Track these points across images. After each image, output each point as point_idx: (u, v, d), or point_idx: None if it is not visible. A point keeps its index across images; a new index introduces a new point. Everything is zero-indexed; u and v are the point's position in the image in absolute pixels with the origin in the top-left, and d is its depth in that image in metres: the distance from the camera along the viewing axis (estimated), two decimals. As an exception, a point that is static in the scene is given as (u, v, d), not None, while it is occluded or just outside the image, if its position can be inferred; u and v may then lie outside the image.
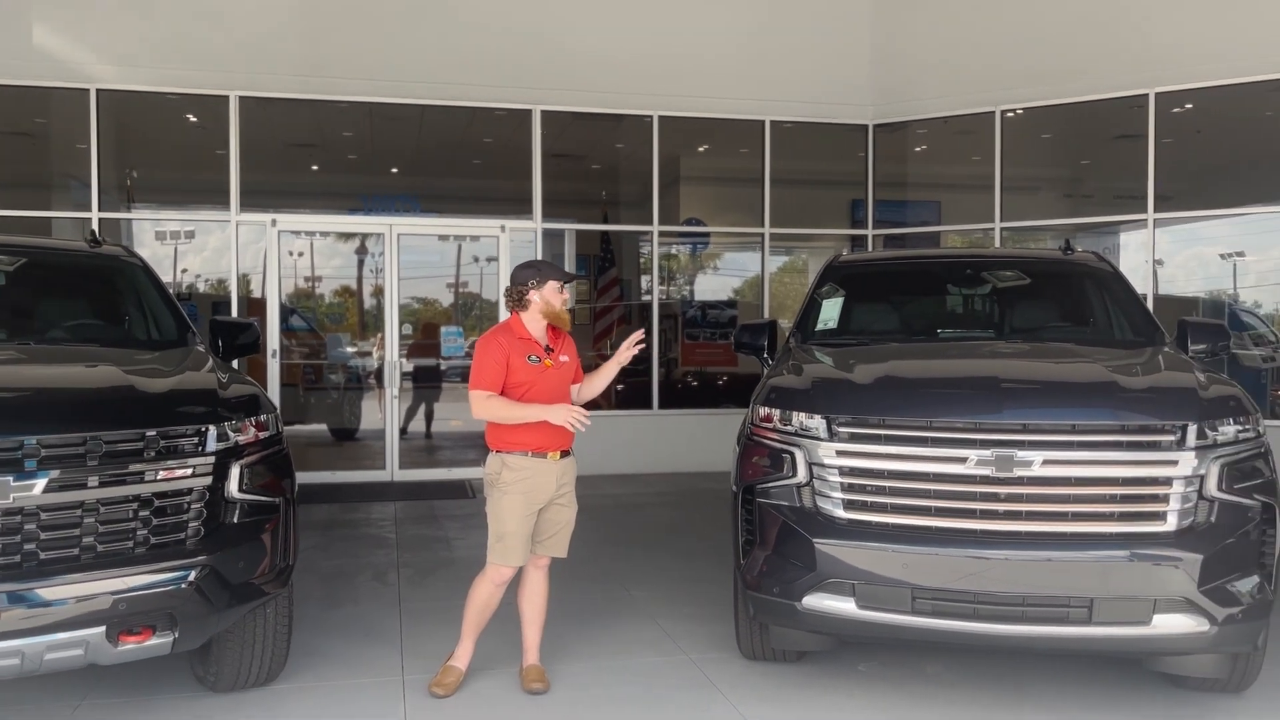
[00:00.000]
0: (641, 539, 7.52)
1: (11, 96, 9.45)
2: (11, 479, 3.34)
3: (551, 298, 4.35)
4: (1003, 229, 10.44)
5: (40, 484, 3.39)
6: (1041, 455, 3.82)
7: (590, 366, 4.66)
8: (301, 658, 4.66)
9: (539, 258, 10.35)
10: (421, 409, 10.86)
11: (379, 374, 10.45)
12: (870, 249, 10.98)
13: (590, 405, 4.49)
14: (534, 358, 4.28)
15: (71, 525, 3.48)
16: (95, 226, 9.26)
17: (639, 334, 4.43)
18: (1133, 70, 9.53)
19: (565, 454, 4.36)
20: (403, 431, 10.70)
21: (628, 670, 4.66)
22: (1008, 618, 3.79)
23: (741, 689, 4.41)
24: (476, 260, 11.57)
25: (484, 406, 4.19)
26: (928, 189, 12.10)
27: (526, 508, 4.27)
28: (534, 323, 4.36)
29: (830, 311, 5.52)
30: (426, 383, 10.65)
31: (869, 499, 4.02)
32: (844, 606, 3.96)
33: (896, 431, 4.00)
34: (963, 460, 3.88)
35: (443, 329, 11.01)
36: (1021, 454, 3.82)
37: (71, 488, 3.47)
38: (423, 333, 10.87)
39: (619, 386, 11.37)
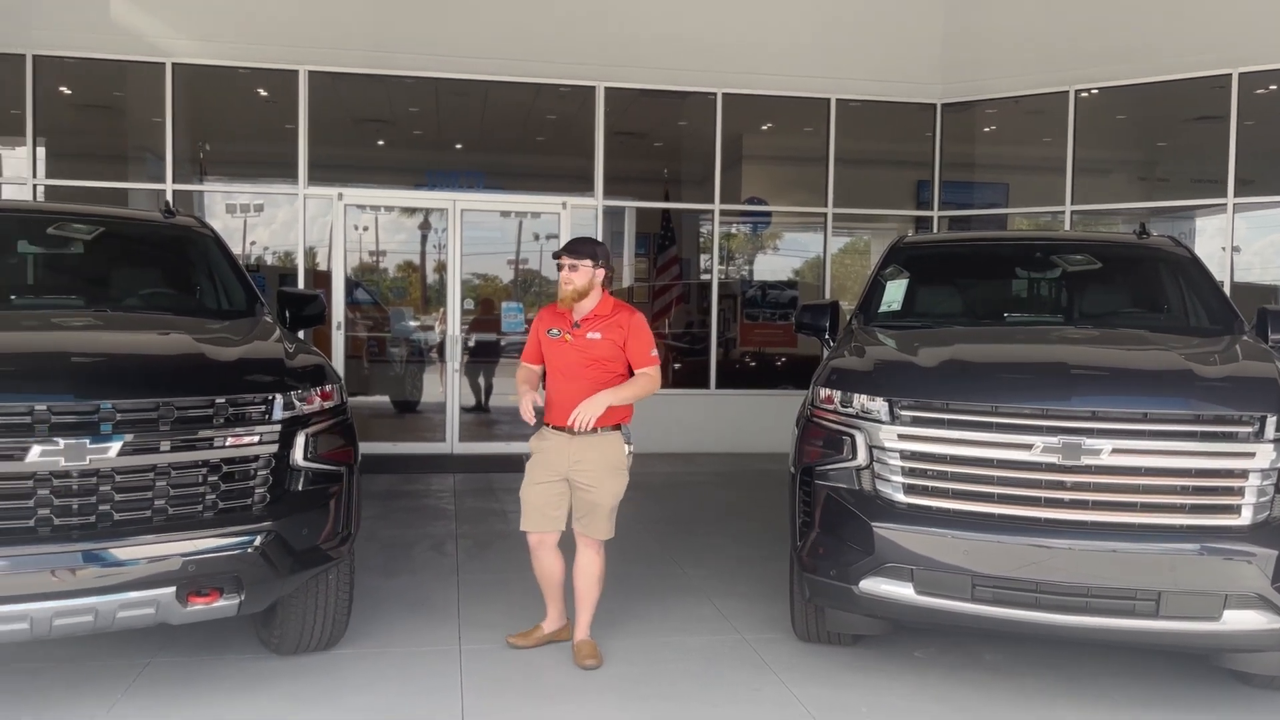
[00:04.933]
0: (696, 518, 7.53)
1: (91, 70, 9.69)
2: (88, 441, 3.44)
3: (561, 275, 4.40)
4: (1073, 212, 10.19)
5: (115, 447, 3.48)
6: (1111, 444, 3.72)
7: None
8: (361, 624, 4.75)
9: (594, 235, 10.38)
10: (481, 383, 10.99)
11: (440, 348, 10.56)
12: (935, 231, 10.80)
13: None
14: (554, 331, 4.38)
15: (144, 488, 3.58)
16: (169, 198, 9.47)
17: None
18: (1215, 49, 9.22)
19: (575, 432, 4.29)
20: (478, 406, 10.84)
21: (681, 648, 4.68)
22: (1071, 608, 3.72)
23: (795, 670, 4.40)
24: (537, 238, 11.63)
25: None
26: (995, 170, 11.86)
27: (540, 476, 4.38)
28: (561, 300, 4.44)
29: (894, 293, 5.43)
30: (487, 357, 10.76)
31: (930, 484, 3.96)
32: (902, 591, 3.92)
33: (961, 416, 3.93)
34: (1028, 447, 3.80)
35: (503, 304, 11.10)
36: (1090, 442, 3.73)
37: (144, 451, 3.56)
38: (484, 308, 10.96)
39: (676, 365, 11.37)
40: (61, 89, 9.92)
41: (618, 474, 4.38)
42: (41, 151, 9.68)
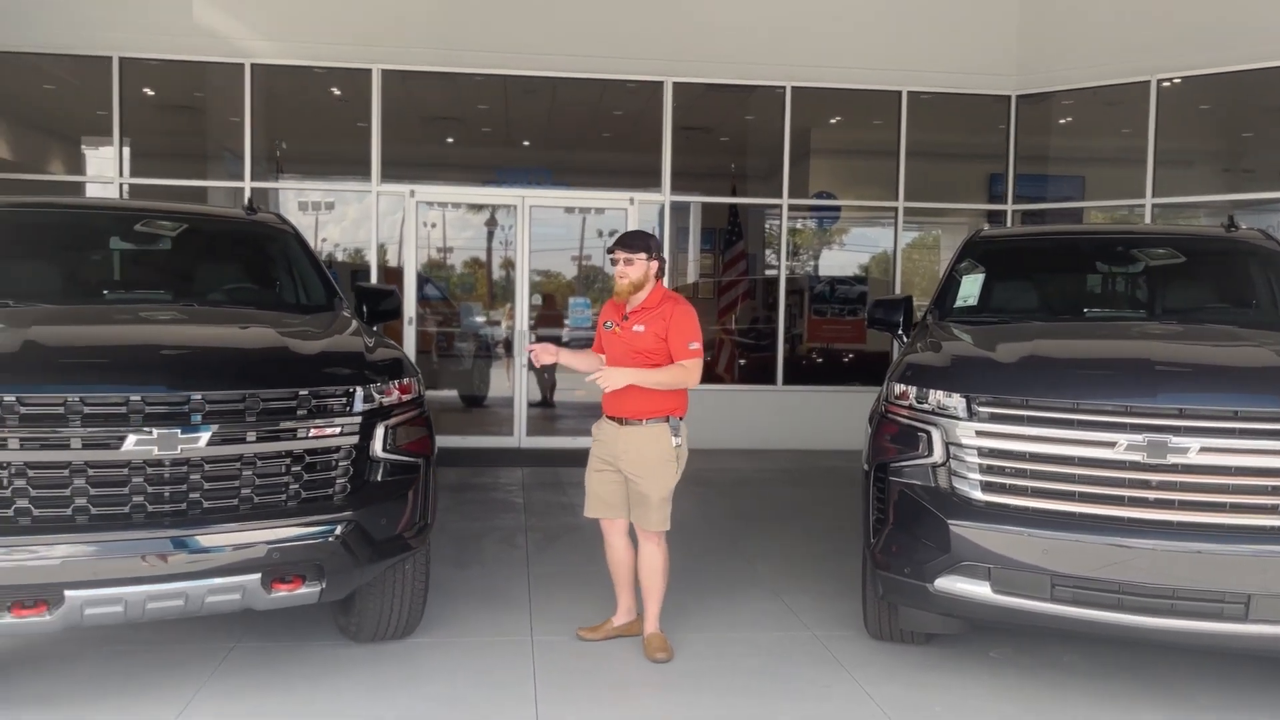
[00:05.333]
0: (764, 514, 7.50)
1: (175, 72, 9.98)
2: (179, 431, 3.55)
3: (616, 270, 4.46)
4: (1154, 205, 9.92)
5: (204, 437, 3.59)
6: (1198, 442, 3.63)
7: (712, 341, 4.65)
8: (435, 614, 4.82)
9: (663, 231, 10.39)
10: (547, 378, 11.08)
11: (508, 343, 10.67)
12: (1009, 225, 10.60)
13: (715, 379, 4.48)
14: (608, 324, 4.49)
15: (231, 477, 3.68)
16: (247, 196, 9.71)
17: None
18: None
19: (624, 423, 4.38)
20: (544, 401, 10.94)
21: (751, 643, 4.67)
22: (1155, 610, 3.63)
23: (867, 668, 4.37)
24: (600, 234, 11.69)
25: None
26: (1071, 163, 11.60)
27: (597, 464, 4.52)
28: (616, 294, 4.51)
29: (970, 288, 5.35)
30: (555, 352, 10.83)
31: (1008, 481, 3.90)
32: (978, 590, 3.86)
33: (1041, 413, 3.86)
34: (1111, 445, 3.72)
35: (570, 300, 11.17)
36: (1176, 440, 3.64)
37: (231, 441, 3.66)
38: (549, 303, 11.04)
39: (741, 361, 11.34)
40: (145, 90, 10.22)
41: (665, 466, 4.38)
42: (127, 151, 9.99)
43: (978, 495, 3.93)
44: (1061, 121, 11.21)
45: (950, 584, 3.90)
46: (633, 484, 4.41)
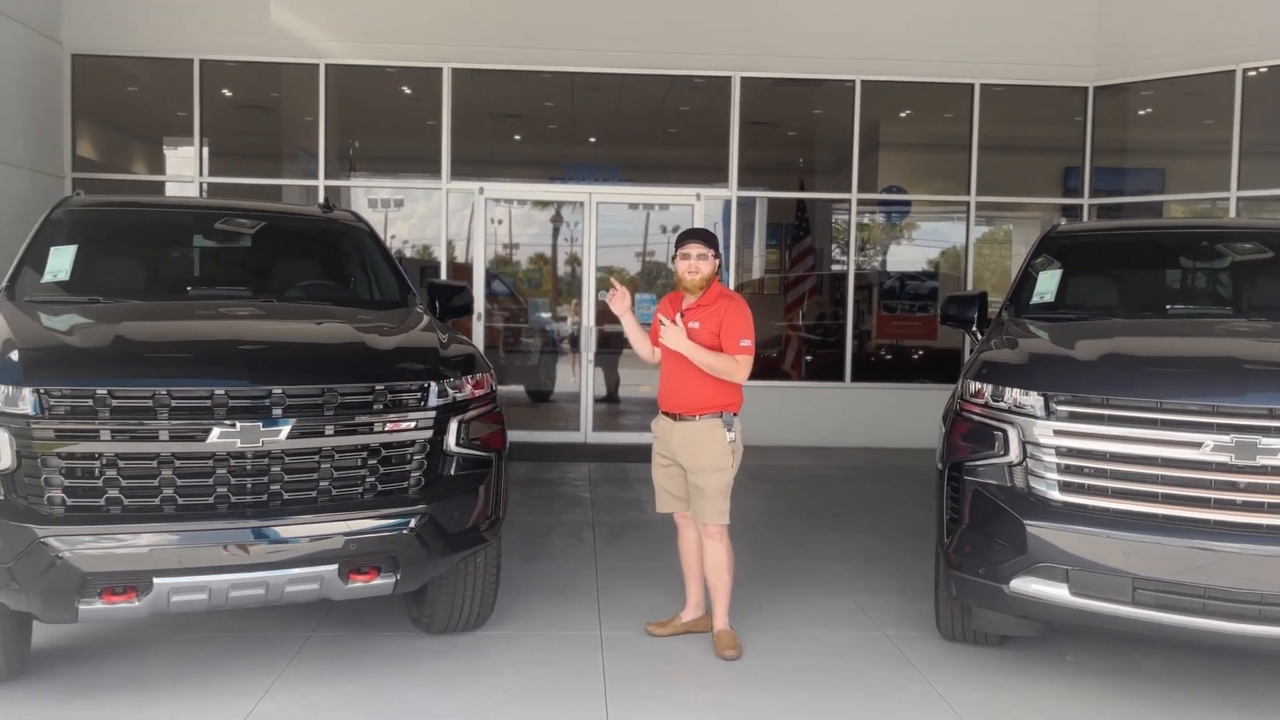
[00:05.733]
0: (832, 512, 7.45)
1: (252, 73, 10.22)
2: (261, 424, 3.64)
3: (677, 265, 4.51)
4: (1239, 198, 9.60)
5: (285, 430, 3.67)
6: (1290, 444, 3.51)
7: (778, 337, 4.64)
8: (505, 607, 4.87)
9: (729, 226, 10.36)
10: (613, 373, 11.12)
11: (574, 338, 10.73)
12: (1086, 219, 10.35)
13: (781, 376, 4.46)
14: (664, 321, 4.47)
15: (309, 470, 3.76)
16: (321, 194, 9.91)
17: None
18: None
19: (678, 418, 4.43)
20: (609, 396, 10.98)
21: (821, 642, 4.64)
22: (1242, 616, 3.52)
23: (940, 669, 4.31)
24: (664, 230, 11.68)
25: None
26: (1151, 155, 11.28)
27: (658, 459, 4.60)
28: (685, 288, 4.52)
29: (1047, 284, 5.23)
30: (619, 348, 10.87)
31: (1087, 481, 3.82)
32: (1055, 592, 3.79)
33: (1122, 412, 3.77)
34: (1197, 445, 3.62)
35: (637, 296, 11.18)
36: (1266, 441, 3.53)
37: (310, 435, 3.74)
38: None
39: (808, 358, 11.25)
40: (224, 91, 10.47)
41: (719, 460, 4.39)
42: (206, 150, 10.25)
43: (1055, 495, 3.86)
44: (1141, 113, 10.90)
45: (1026, 585, 3.84)
46: (690, 477, 4.45)
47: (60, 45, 9.65)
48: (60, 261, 4.81)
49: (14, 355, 3.68)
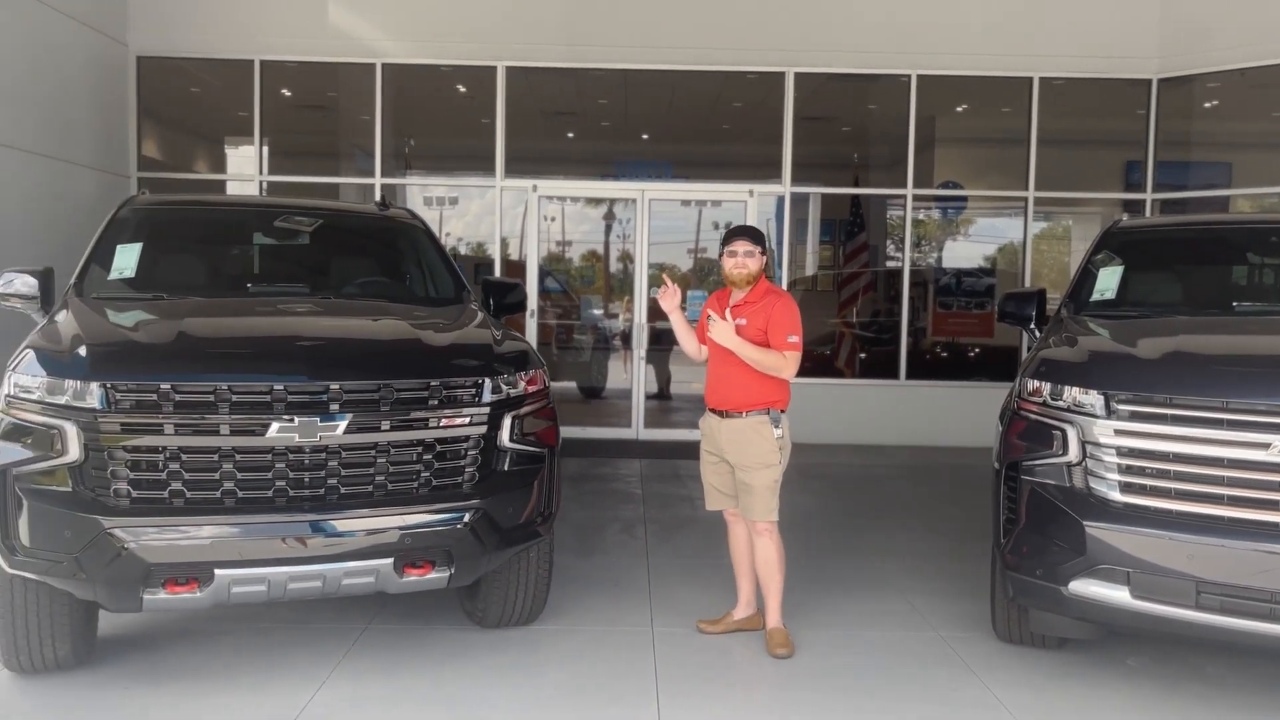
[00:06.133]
0: (886, 511, 7.38)
1: (310, 73, 10.39)
2: (319, 420, 3.70)
3: (724, 261, 4.51)
4: (1310, 193, 9.33)
5: (342, 425, 3.73)
6: (1363, 445, 3.41)
7: (831, 334, 4.61)
8: (558, 602, 4.90)
9: (782, 222, 10.29)
10: (667, 370, 11.12)
11: (626, 336, 10.75)
12: (1148, 214, 10.12)
13: (834, 373, 4.43)
14: (712, 316, 4.47)
15: (366, 465, 3.81)
16: (378, 192, 10.04)
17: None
18: None
19: (724, 415, 4.43)
20: (661, 393, 10.99)
21: (874, 642, 4.60)
22: (1311, 621, 3.43)
23: (996, 671, 4.25)
24: (716, 226, 11.64)
25: None
26: (1217, 149, 11.01)
27: (706, 457, 4.61)
28: (733, 284, 4.52)
29: (1108, 281, 5.12)
30: (670, 345, 10.87)
31: (1150, 482, 3.74)
32: (1116, 595, 3.72)
33: (1186, 412, 3.69)
34: (1265, 446, 3.53)
35: (689, 293, 11.16)
36: (1338, 443, 3.43)
37: (367, 430, 3.79)
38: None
39: (862, 355, 11.15)
40: (283, 91, 10.65)
41: (766, 456, 4.37)
42: (265, 150, 10.44)
43: (1116, 496, 3.78)
44: (1206, 105, 10.63)
45: (1086, 587, 3.78)
46: (737, 474, 4.45)
47: (126, 48, 9.89)
48: (126, 259, 4.92)
49: (82, 351, 3.78)
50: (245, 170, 10.62)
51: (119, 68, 9.84)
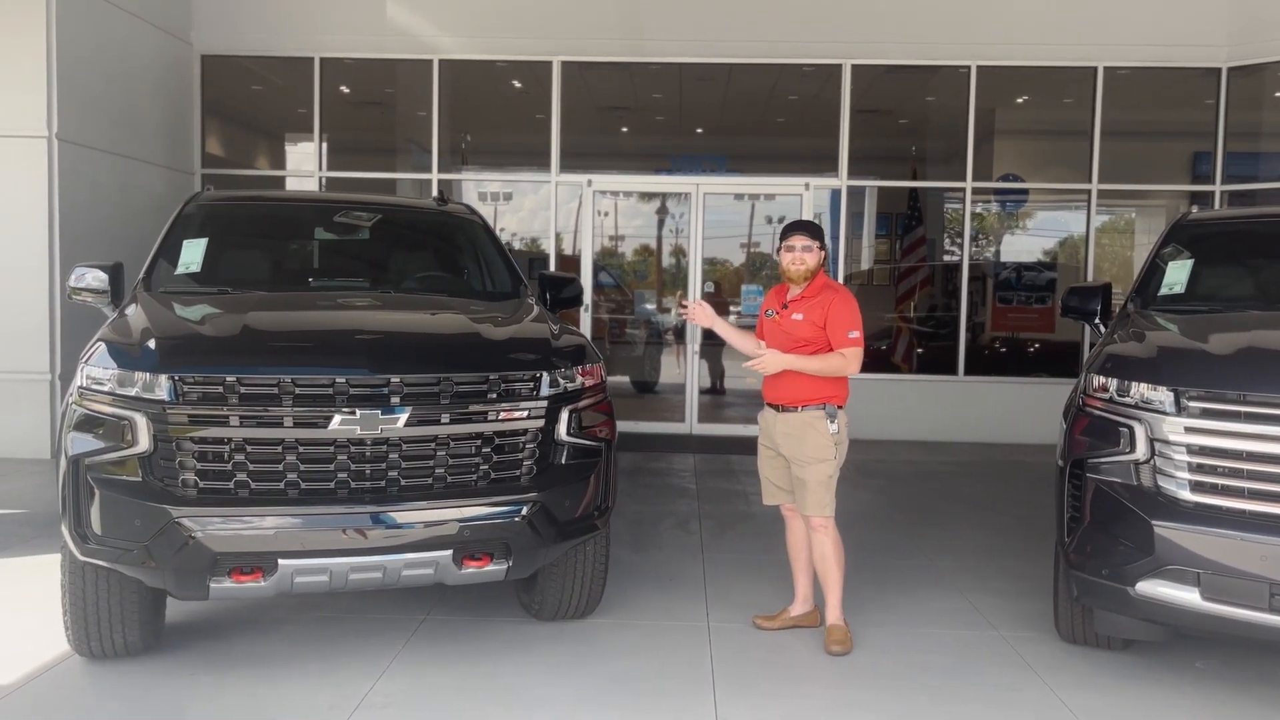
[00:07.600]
0: (945, 509, 7.28)
1: (369, 70, 10.52)
2: (379, 412, 3.74)
3: (781, 256, 4.49)
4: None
5: (402, 418, 3.76)
6: None
7: (889, 329, 4.56)
8: (614, 596, 4.90)
9: (839, 216, 10.20)
10: (720, 365, 11.09)
11: (679, 331, 10.73)
12: (1217, 206, 9.86)
13: (891, 369, 4.38)
14: (770, 312, 4.49)
15: (425, 457, 3.85)
16: (435, 187, 10.14)
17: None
18: None
19: (780, 409, 4.40)
20: (714, 388, 10.96)
21: (934, 640, 4.54)
22: (1392, 627, 3.32)
23: (1059, 672, 4.17)
24: (770, 221, 11.58)
25: None
26: (1290, 139, 10.68)
27: (763, 451, 4.60)
28: (790, 280, 4.49)
29: (1176, 275, 4.99)
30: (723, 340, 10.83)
31: (1221, 481, 3.65)
32: (1185, 596, 3.63)
33: (1260, 409, 3.58)
34: (1344, 445, 3.42)
35: (743, 287, 11.12)
36: None
37: (427, 423, 3.82)
38: (719, 290, 11.03)
39: (919, 351, 11.01)
40: (342, 88, 10.81)
41: (821, 451, 4.34)
42: (325, 146, 10.60)
43: (1186, 495, 3.70)
44: (1278, 95, 10.32)
45: (1153, 588, 3.69)
46: (792, 468, 4.43)
47: (190, 47, 10.10)
48: (192, 254, 5.03)
49: (151, 344, 3.86)
50: (305, 166, 10.80)
51: (184, 66, 10.05)
